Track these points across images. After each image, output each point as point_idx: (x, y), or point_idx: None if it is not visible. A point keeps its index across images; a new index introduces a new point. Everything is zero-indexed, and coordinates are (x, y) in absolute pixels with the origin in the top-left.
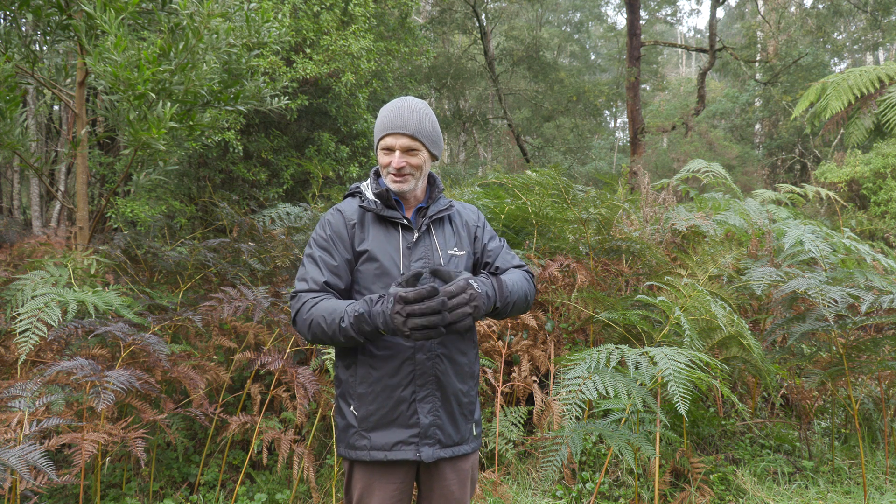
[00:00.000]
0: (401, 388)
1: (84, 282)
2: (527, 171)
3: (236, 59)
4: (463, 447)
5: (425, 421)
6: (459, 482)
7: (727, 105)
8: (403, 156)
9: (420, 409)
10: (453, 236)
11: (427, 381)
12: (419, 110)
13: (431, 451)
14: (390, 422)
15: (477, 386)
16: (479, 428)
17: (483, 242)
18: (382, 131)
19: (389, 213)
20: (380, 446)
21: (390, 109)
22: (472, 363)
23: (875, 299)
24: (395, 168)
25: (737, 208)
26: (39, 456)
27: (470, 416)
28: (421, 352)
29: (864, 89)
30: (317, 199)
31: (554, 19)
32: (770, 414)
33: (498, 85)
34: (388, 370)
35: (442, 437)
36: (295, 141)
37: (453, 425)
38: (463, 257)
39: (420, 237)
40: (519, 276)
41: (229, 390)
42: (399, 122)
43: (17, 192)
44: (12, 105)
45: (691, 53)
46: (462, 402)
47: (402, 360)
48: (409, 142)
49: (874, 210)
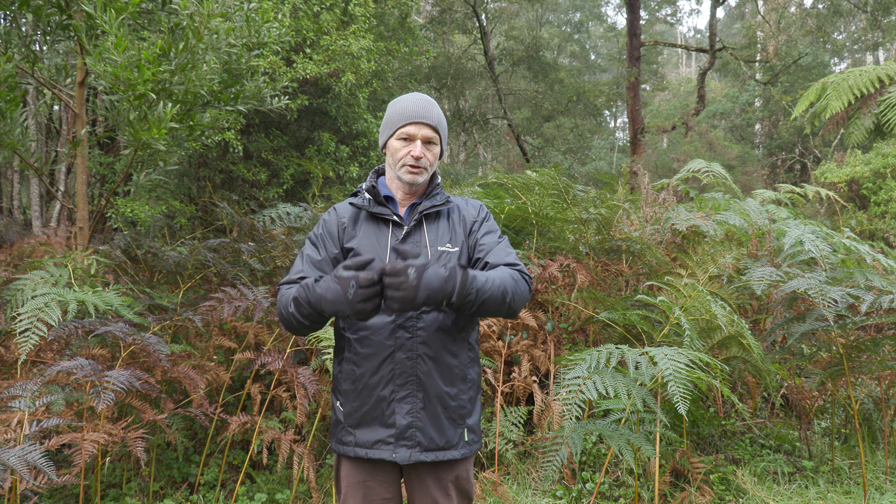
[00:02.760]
0: (380, 386)
1: (84, 282)
2: (527, 171)
3: (236, 59)
4: (450, 452)
5: (402, 422)
6: (441, 490)
7: (727, 105)
8: (423, 146)
9: (398, 409)
10: (448, 232)
11: (407, 381)
12: (437, 106)
13: (408, 454)
14: (372, 419)
15: (472, 390)
16: (475, 434)
17: (477, 237)
18: (404, 119)
19: (379, 210)
20: (363, 443)
21: (411, 100)
22: (465, 365)
23: (875, 299)
24: (415, 156)
25: (737, 208)
26: (39, 456)
27: (460, 420)
28: (401, 351)
29: (864, 89)
30: (317, 199)
31: (554, 19)
32: (770, 414)
33: (498, 85)
34: (369, 368)
35: (422, 440)
36: (295, 141)
37: (437, 429)
38: (455, 254)
39: (409, 233)
40: (502, 273)
41: (229, 390)
42: (423, 112)
43: (17, 192)
44: (12, 105)
45: (691, 53)
46: (449, 406)
47: (382, 358)
48: (430, 132)
49: (874, 210)
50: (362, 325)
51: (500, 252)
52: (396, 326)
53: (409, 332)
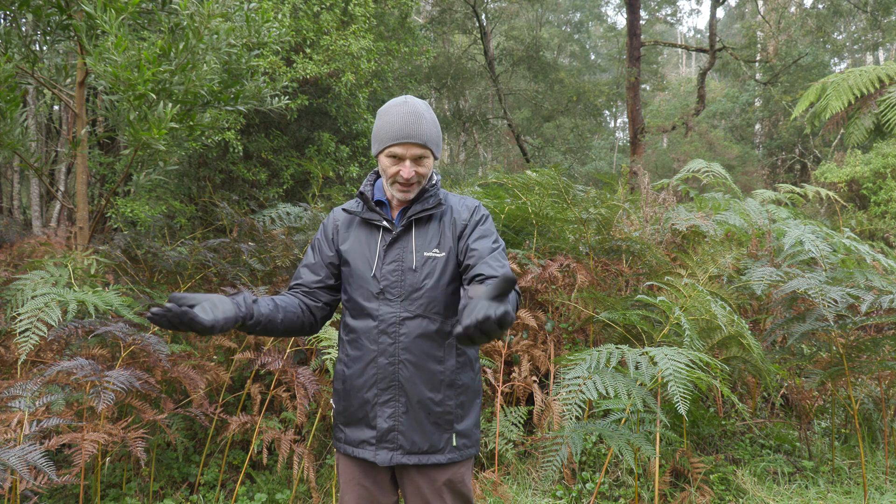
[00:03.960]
0: (365, 389)
1: (84, 282)
2: (527, 171)
3: (236, 59)
4: (435, 456)
5: (383, 425)
6: (434, 492)
7: (727, 105)
8: (413, 165)
9: (380, 412)
10: (437, 236)
11: (389, 386)
12: (426, 115)
13: (389, 455)
14: (358, 420)
15: (464, 395)
16: (468, 439)
17: (466, 242)
18: (391, 140)
19: (369, 216)
20: (350, 441)
21: (397, 115)
22: (454, 372)
23: (875, 299)
24: (404, 178)
25: (737, 208)
26: (39, 456)
27: (447, 425)
28: (383, 356)
29: (864, 89)
30: (317, 199)
31: (554, 19)
32: (770, 414)
33: (498, 85)
34: (356, 370)
35: (404, 443)
36: (295, 141)
37: (420, 433)
38: (441, 259)
39: (396, 238)
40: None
41: (229, 390)
42: (410, 130)
43: (17, 192)
44: (12, 105)
45: (691, 53)
46: (433, 411)
47: (367, 361)
48: (420, 151)
49: (874, 210)
50: (352, 328)
51: (494, 263)
52: (379, 332)
53: (391, 338)
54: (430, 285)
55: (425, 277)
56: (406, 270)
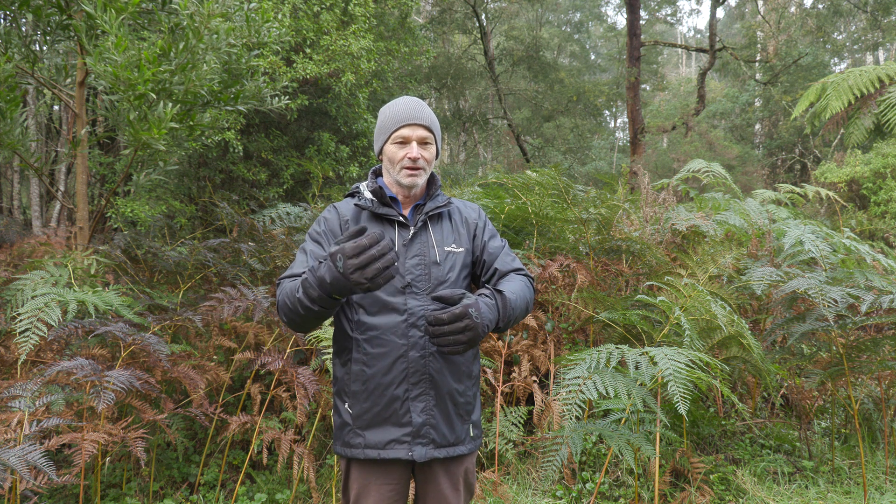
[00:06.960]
0: (393, 385)
1: (84, 282)
2: (527, 171)
3: (236, 59)
4: (458, 448)
5: (418, 420)
6: (452, 485)
7: (727, 105)
8: (419, 147)
9: (413, 407)
10: (452, 233)
11: (421, 380)
12: (428, 106)
13: (424, 451)
14: (384, 420)
15: (475, 387)
16: (478, 430)
17: (483, 240)
18: (397, 123)
19: (384, 211)
20: (374, 444)
21: (403, 103)
22: (470, 363)
23: (875, 299)
24: (411, 158)
25: (737, 208)
26: (39, 456)
27: (466, 416)
28: (414, 349)
29: (864, 89)
30: (317, 199)
31: (554, 19)
32: (770, 414)
33: (498, 85)
34: (381, 368)
35: (436, 437)
36: (295, 141)
37: (448, 425)
38: (461, 254)
39: (416, 234)
40: (520, 284)
41: (229, 390)
42: (415, 113)
43: (17, 192)
44: (12, 105)
45: (691, 53)
46: (458, 402)
47: (395, 357)
48: (425, 133)
49: (874, 210)
50: (371, 325)
51: (507, 258)
52: (409, 325)
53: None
54: (452, 278)
55: (449, 271)
56: (430, 264)
